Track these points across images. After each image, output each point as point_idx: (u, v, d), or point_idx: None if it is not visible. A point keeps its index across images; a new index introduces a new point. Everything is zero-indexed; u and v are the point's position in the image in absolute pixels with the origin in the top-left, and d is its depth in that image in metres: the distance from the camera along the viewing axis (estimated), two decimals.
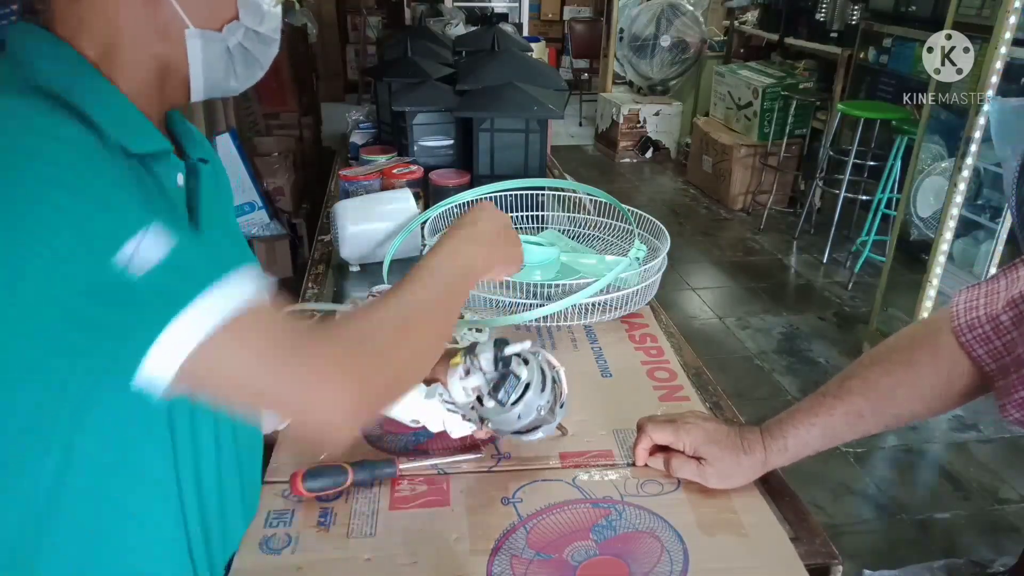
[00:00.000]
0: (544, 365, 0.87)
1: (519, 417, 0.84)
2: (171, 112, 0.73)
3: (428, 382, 0.89)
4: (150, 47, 0.64)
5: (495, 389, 0.84)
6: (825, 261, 4.03)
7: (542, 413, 0.85)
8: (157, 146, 0.64)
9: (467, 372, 0.85)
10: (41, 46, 0.60)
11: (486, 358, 0.85)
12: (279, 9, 0.72)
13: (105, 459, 0.60)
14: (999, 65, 2.42)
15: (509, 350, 0.85)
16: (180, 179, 0.69)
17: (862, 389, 0.85)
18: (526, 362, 0.85)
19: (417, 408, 0.87)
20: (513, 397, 0.83)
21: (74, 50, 0.61)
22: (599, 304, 1.19)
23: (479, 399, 0.86)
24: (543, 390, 0.85)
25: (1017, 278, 0.79)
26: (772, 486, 0.88)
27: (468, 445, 0.92)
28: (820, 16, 4.54)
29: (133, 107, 0.63)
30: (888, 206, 3.66)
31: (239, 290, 0.53)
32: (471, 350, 0.86)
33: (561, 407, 0.88)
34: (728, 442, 0.86)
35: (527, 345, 0.87)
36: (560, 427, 0.94)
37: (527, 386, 0.84)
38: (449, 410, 0.87)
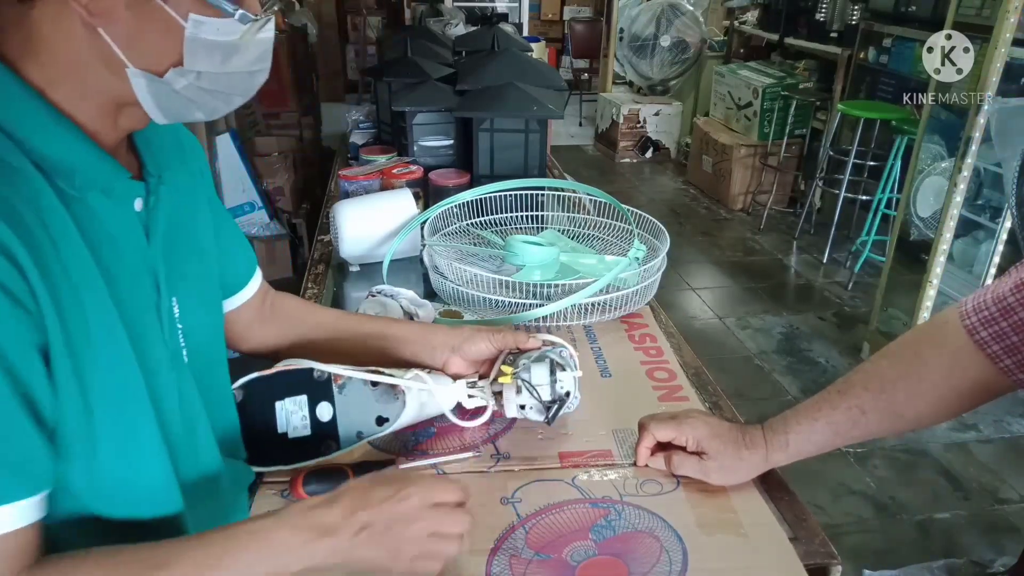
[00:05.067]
0: (571, 364, 0.92)
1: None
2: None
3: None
4: (98, 78, 0.61)
5: (547, 409, 0.89)
6: (825, 261, 4.03)
7: (571, 409, 0.93)
8: (99, 181, 0.63)
9: (518, 391, 0.89)
10: None
11: (540, 373, 0.88)
12: (266, 34, 0.64)
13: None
14: (999, 65, 2.42)
15: (561, 376, 0.90)
16: (139, 204, 0.68)
17: (865, 382, 0.85)
18: (563, 368, 0.90)
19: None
20: (558, 417, 0.91)
21: (17, 76, 0.59)
22: (599, 304, 1.19)
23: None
24: (576, 396, 0.92)
25: None
26: (771, 486, 0.88)
27: (466, 445, 0.93)
28: (820, 16, 4.54)
29: (76, 137, 0.61)
30: (888, 206, 3.66)
31: None
32: (518, 368, 0.90)
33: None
34: (730, 437, 0.86)
35: (567, 354, 0.92)
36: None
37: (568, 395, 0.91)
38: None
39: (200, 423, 0.76)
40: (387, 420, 0.80)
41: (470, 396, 0.92)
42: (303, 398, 0.81)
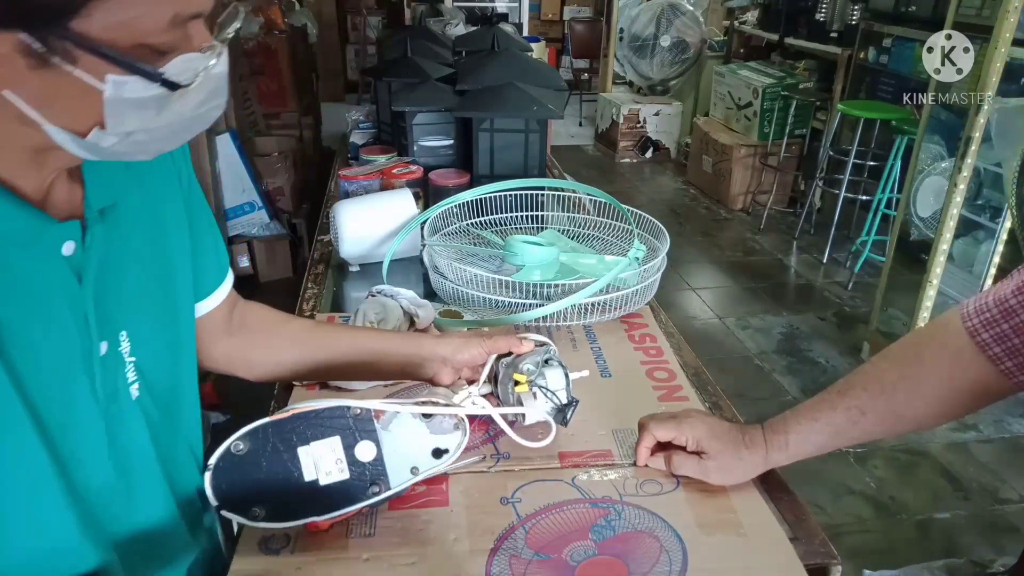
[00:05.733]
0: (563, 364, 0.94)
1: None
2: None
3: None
4: (12, 131, 0.54)
5: (560, 411, 0.90)
6: (825, 261, 4.03)
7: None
8: (10, 237, 0.57)
9: (535, 396, 0.90)
10: None
11: (556, 377, 0.90)
12: (218, 68, 0.55)
13: None
14: (999, 65, 2.42)
15: (573, 376, 0.93)
16: (68, 248, 0.60)
17: (865, 383, 0.85)
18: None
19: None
20: (573, 418, 0.91)
21: None
22: (598, 304, 1.19)
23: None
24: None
25: None
26: (771, 486, 0.88)
27: (467, 447, 0.92)
28: (820, 16, 4.54)
29: None
30: (888, 206, 3.66)
31: None
32: (528, 374, 0.90)
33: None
34: (729, 437, 0.86)
35: (557, 353, 0.94)
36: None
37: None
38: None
39: (145, 461, 0.70)
40: (446, 452, 0.75)
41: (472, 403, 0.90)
42: (335, 440, 0.71)
